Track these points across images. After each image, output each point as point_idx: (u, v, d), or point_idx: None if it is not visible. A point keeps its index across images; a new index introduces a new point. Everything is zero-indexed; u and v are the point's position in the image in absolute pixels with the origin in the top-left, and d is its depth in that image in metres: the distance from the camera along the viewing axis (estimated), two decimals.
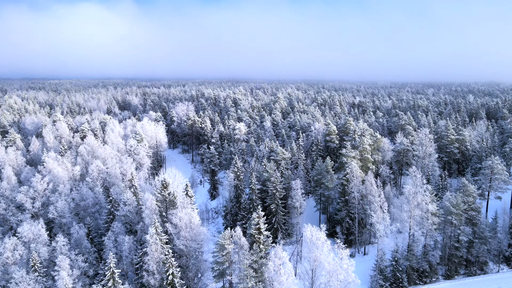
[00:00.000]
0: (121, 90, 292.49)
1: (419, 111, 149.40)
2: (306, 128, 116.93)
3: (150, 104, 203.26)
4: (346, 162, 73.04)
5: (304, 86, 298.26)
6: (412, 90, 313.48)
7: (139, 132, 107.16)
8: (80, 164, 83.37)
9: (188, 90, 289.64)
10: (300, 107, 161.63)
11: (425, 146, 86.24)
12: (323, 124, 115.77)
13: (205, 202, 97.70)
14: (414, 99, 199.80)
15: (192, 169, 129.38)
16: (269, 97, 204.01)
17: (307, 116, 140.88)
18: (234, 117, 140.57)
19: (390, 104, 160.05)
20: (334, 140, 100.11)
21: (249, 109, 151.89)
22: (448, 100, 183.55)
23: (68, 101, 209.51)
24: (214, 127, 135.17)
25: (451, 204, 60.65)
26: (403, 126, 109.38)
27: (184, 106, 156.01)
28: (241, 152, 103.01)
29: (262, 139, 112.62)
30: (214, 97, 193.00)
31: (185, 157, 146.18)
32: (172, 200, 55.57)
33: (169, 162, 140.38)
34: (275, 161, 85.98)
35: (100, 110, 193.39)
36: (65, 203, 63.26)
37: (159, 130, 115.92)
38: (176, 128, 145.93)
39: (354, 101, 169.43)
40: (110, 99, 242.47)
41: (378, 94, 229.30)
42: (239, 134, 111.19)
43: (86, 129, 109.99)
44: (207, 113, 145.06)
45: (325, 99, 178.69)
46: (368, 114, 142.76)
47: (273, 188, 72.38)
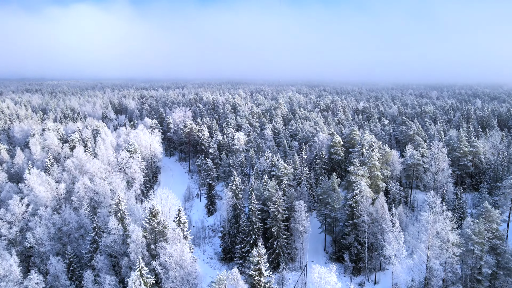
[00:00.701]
0: (118, 93, 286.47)
1: (427, 118, 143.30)
2: (309, 138, 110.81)
3: (147, 108, 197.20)
4: (354, 181, 66.90)
5: (305, 89, 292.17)
6: (415, 93, 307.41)
7: (133, 143, 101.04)
8: (66, 180, 77.20)
9: (186, 93, 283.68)
10: (302, 113, 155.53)
11: (438, 160, 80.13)
12: (326, 134, 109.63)
13: (202, 219, 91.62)
14: (419, 103, 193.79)
15: (189, 180, 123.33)
16: (269, 101, 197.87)
17: (309, 123, 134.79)
18: (233, 124, 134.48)
19: (396, 110, 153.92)
20: (339, 153, 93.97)
21: (249, 115, 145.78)
22: (454, 105, 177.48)
23: (62, 105, 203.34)
24: (212, 135, 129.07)
25: (473, 232, 54.53)
26: (412, 136, 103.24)
27: (181, 112, 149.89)
28: (240, 164, 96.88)
29: (262, 150, 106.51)
30: (212, 101, 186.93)
31: (182, 166, 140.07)
32: (162, 231, 49.40)
33: (165, 171, 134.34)
34: (276, 177, 79.86)
35: (95, 115, 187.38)
36: (44, 229, 57.10)
37: (154, 140, 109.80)
38: (173, 135, 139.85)
39: (358, 106, 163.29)
40: (106, 103, 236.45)
41: (382, 98, 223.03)
42: (238, 144, 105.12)
43: (76, 139, 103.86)
44: (205, 120, 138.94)
45: (327, 104, 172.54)
46: (373, 121, 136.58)
47: (274, 210, 66.24)
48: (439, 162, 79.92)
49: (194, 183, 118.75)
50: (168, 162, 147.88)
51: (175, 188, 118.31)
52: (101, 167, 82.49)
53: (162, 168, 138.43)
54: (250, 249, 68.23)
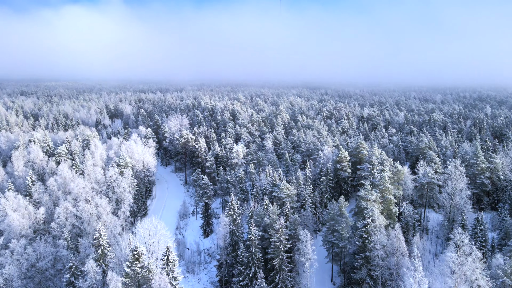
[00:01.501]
0: (114, 96, 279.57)
1: (436, 127, 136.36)
2: (312, 151, 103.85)
3: (143, 114, 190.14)
4: (366, 207, 59.90)
5: (306, 92, 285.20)
6: (419, 96, 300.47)
7: (124, 157, 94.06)
8: (47, 203, 70.28)
9: (185, 96, 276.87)
10: (304, 120, 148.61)
11: (455, 180, 73.12)
12: (331, 146, 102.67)
13: (197, 241, 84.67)
14: (426, 109, 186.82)
15: (185, 193, 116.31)
16: (269, 106, 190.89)
17: (312, 132, 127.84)
18: (232, 133, 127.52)
19: (403, 118, 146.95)
20: (345, 169, 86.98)
21: (249, 123, 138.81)
22: (463, 112, 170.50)
23: (56, 110, 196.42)
24: (210, 145, 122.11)
25: (504, 273, 47.66)
26: (423, 150, 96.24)
27: (177, 120, 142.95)
28: (238, 180, 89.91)
29: (262, 164, 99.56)
30: (211, 107, 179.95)
31: (178, 177, 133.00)
32: (146, 276, 42.42)
33: (160, 183, 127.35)
34: (278, 199, 72.92)
35: (89, 121, 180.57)
36: (14, 267, 50.19)
37: (147, 153, 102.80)
38: (169, 145, 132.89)
39: (362, 113, 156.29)
40: (102, 107, 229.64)
41: (386, 103, 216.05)
42: (236, 157, 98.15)
43: (63, 153, 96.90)
44: (202, 129, 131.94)
45: (330, 111, 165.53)
46: (379, 130, 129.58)
47: (276, 240, 59.25)
48: (456, 182, 72.91)
49: (190, 197, 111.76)
50: (164, 172, 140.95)
51: (170, 204, 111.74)
52: (86, 186, 75.50)
53: (158, 179, 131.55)
54: (249, 283, 61.37)
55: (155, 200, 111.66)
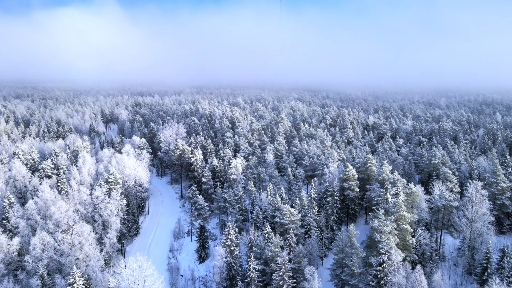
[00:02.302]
0: (111, 100, 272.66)
1: (446, 137, 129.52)
2: (316, 166, 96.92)
3: (139, 120, 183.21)
4: (380, 240, 52.97)
5: (307, 96, 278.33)
6: (423, 100, 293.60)
7: (113, 172, 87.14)
8: (24, 231, 63.34)
9: (183, 100, 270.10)
10: (306, 128, 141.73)
11: (475, 204, 66.20)
12: (336, 160, 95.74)
13: (192, 267, 77.63)
14: (432, 116, 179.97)
15: (181, 209, 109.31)
16: (270, 112, 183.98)
17: (315, 143, 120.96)
18: (231, 144, 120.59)
19: (410, 126, 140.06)
20: (353, 188, 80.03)
21: (248, 132, 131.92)
22: (472, 119, 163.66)
23: (48, 116, 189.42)
24: (207, 157, 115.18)
25: None
26: (436, 166, 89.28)
27: (173, 129, 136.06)
28: (237, 200, 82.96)
29: (263, 180, 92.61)
30: (209, 113, 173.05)
31: (174, 190, 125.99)
32: None
33: (155, 197, 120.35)
34: (280, 225, 66.00)
35: (82, 128, 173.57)
36: None
37: (139, 167, 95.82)
38: (164, 156, 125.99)
39: (368, 121, 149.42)
40: (97, 112, 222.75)
41: (391, 109, 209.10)
42: (235, 173, 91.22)
43: (48, 168, 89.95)
44: (199, 139, 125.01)
45: (333, 118, 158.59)
46: (386, 141, 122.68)
47: (279, 279, 52.35)
48: (477, 206, 65.98)
49: (186, 213, 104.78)
50: (159, 184, 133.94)
51: (164, 221, 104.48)
52: (69, 210, 68.54)
53: (152, 192, 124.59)
54: None
55: (148, 217, 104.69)
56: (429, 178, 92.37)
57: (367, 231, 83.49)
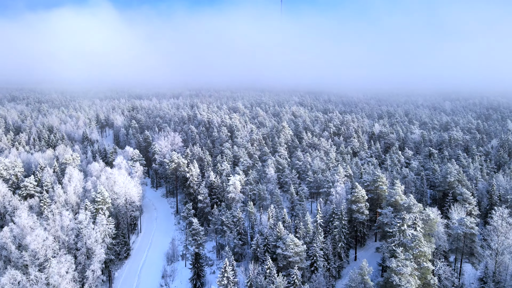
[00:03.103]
0: (107, 104, 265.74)
1: (458, 148, 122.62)
2: (321, 183, 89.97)
3: (134, 127, 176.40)
4: (399, 284, 46.01)
5: (309, 100, 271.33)
6: (427, 104, 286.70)
7: (101, 191, 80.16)
8: None
9: (181, 104, 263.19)
10: (309, 138, 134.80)
11: (502, 234, 59.28)
12: (342, 176, 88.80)
13: None
14: (440, 123, 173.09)
15: (175, 226, 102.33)
16: (271, 119, 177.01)
17: (319, 154, 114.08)
18: (229, 155, 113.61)
19: (419, 135, 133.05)
20: (363, 211, 73.04)
21: (248, 143, 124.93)
22: (481, 126, 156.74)
23: (41, 122, 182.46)
24: (204, 171, 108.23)
25: None
26: (452, 184, 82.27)
27: (169, 139, 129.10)
28: (235, 222, 75.97)
29: (263, 199, 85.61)
30: (207, 120, 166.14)
31: (169, 203, 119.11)
32: None
33: (148, 211, 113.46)
34: (283, 257, 59.03)
35: (75, 135, 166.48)
36: None
37: (131, 184, 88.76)
38: (158, 167, 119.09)
39: (373, 129, 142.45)
40: (92, 117, 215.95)
41: (395, 114, 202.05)
42: (233, 191, 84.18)
43: (30, 186, 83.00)
44: (196, 151, 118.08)
45: (337, 126, 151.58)
46: (395, 152, 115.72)
47: None
48: (504, 236, 59.05)
49: (180, 232, 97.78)
50: (154, 196, 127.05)
51: (158, 241, 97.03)
52: (48, 239, 61.52)
53: (146, 206, 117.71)
54: None
55: (140, 236, 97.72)
56: (443, 197, 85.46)
57: (378, 257, 76.66)
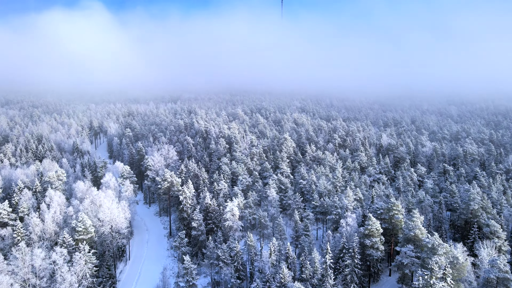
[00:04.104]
0: (102, 109, 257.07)
1: (473, 162, 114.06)
2: (328, 208, 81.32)
3: (128, 135, 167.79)
4: None
5: (311, 105, 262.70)
6: (432, 108, 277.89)
7: (83, 219, 71.66)
8: None
9: (179, 109, 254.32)
10: (313, 151, 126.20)
11: None
12: (352, 200, 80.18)
13: None
14: (450, 133, 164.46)
15: (168, 251, 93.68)
16: (272, 128, 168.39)
17: (324, 171, 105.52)
18: (227, 172, 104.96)
19: (431, 149, 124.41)
20: (377, 246, 64.38)
21: (248, 157, 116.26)
22: (494, 137, 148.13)
23: (30, 131, 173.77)
24: (200, 190, 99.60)
25: None
26: (476, 212, 73.61)
27: (163, 152, 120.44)
28: (232, 258, 67.32)
29: (264, 227, 76.95)
30: (204, 129, 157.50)
31: (162, 223, 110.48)
32: None
33: (139, 232, 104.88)
34: None
35: (65, 145, 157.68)
36: None
37: (116, 211, 79.96)
38: (151, 184, 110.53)
39: (381, 141, 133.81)
40: (85, 124, 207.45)
41: (402, 122, 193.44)
42: (231, 219, 75.51)
43: (4, 213, 74.32)
44: (191, 166, 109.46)
45: (342, 137, 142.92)
46: (406, 169, 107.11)
47: None
48: None
49: (173, 260, 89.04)
50: (146, 214, 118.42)
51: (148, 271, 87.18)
52: (14, 286, 52.88)
53: (137, 226, 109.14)
54: None
55: (129, 264, 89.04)
56: (465, 224, 76.83)
57: None
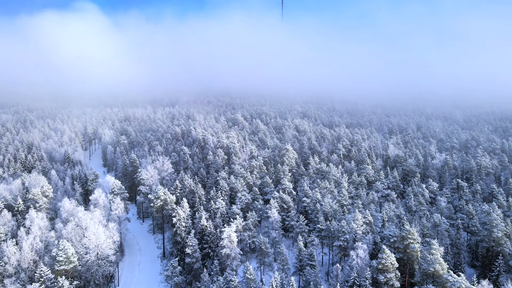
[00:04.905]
0: (97, 113, 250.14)
1: (487, 176, 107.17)
2: (334, 233, 74.30)
3: (123, 143, 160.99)
4: None
5: (312, 109, 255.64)
6: (437, 112, 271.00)
7: (64, 247, 64.76)
8: None
9: (177, 113, 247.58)
10: (316, 162, 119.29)
11: None
12: (360, 223, 73.20)
13: None
14: (459, 141, 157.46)
15: (161, 276, 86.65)
16: (273, 137, 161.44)
17: (329, 187, 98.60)
18: (226, 188, 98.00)
19: (442, 161, 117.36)
20: (392, 283, 57.37)
21: (247, 171, 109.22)
22: (506, 147, 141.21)
23: (19, 139, 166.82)
24: (196, 208, 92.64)
25: None
26: (499, 240, 66.61)
27: (157, 165, 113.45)
28: None
29: (265, 254, 69.97)
30: (202, 138, 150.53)
31: (156, 242, 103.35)
32: None
33: (131, 252, 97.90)
34: None
35: (56, 154, 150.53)
36: None
37: (102, 236, 72.87)
38: (144, 200, 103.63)
39: (388, 152, 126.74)
40: (79, 131, 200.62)
41: (408, 129, 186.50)
42: (228, 246, 68.52)
43: None
44: (187, 182, 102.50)
45: (347, 147, 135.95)
46: (416, 184, 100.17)
47: None
48: None
49: (166, 286, 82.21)
50: (139, 231, 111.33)
51: None
52: None
53: (129, 245, 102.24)
54: None
55: None
56: (487, 252, 69.88)
57: None
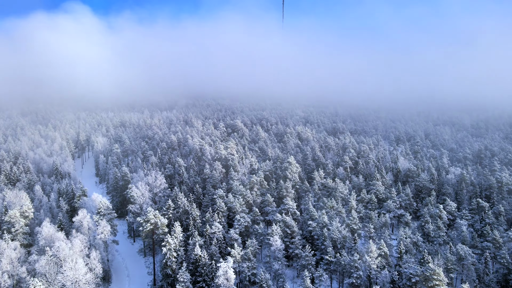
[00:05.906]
0: (92, 119, 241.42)
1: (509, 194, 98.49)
2: (346, 267, 65.46)
3: (116, 152, 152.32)
4: None
5: (315, 115, 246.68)
6: (445, 118, 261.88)
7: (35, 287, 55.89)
8: None
9: (174, 118, 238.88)
10: (321, 177, 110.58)
11: None
12: (375, 255, 64.39)
13: None
14: (472, 151, 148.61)
15: None
16: (274, 147, 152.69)
17: (336, 206, 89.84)
18: (223, 209, 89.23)
19: (458, 176, 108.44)
20: None
21: (247, 188, 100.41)
22: None
23: (7, 147, 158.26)
24: (190, 231, 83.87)
25: None
26: None
27: (147, 184, 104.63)
28: None
29: None
30: (199, 147, 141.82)
31: (146, 266, 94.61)
32: None
33: (118, 278, 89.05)
34: None
35: (44, 166, 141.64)
36: None
37: (81, 271, 64.05)
38: (133, 220, 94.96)
39: (398, 165, 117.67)
40: (71, 138, 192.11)
41: (416, 137, 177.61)
42: (225, 284, 59.73)
43: None
44: (181, 201, 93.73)
45: (353, 159, 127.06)
46: (432, 205, 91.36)
47: None
48: None
49: None
50: (128, 252, 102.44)
51: None
52: None
53: (117, 269, 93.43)
54: None
55: None
56: None
57: None
